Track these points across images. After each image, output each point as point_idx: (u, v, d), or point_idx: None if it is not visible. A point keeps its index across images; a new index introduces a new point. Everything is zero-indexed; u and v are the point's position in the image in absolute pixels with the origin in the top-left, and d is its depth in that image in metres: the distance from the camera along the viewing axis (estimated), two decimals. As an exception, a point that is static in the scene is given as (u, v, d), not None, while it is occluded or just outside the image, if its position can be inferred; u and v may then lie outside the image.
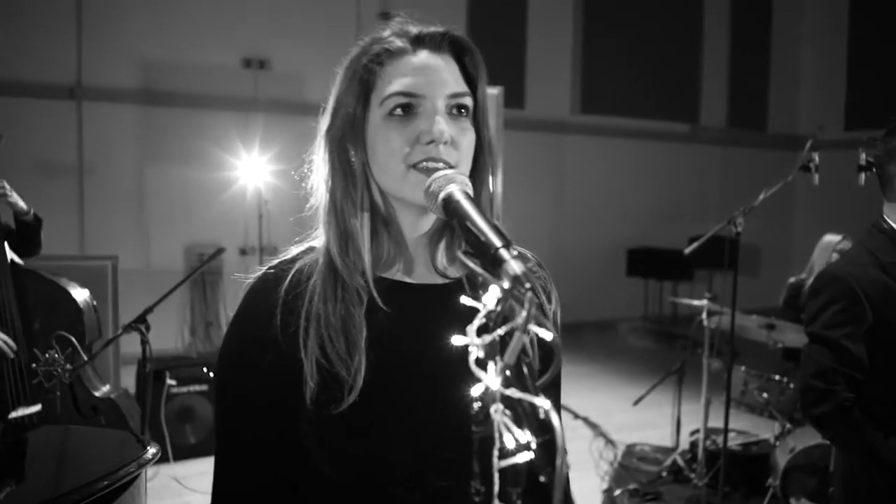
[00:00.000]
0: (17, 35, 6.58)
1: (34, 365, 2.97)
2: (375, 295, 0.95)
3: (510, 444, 0.59)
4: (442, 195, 0.80)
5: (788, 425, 3.69)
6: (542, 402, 0.60)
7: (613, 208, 9.55)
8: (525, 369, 0.63)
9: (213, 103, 7.18)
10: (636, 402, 4.43)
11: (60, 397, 3.02)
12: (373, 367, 0.92)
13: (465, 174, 0.94)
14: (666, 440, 4.58)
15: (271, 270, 1.00)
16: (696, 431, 4.18)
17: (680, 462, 4.18)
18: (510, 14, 8.93)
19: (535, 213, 9.00)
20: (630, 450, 4.58)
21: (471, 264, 0.65)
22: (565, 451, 0.57)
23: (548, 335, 0.61)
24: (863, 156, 1.94)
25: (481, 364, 0.62)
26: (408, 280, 1.00)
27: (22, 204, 3.12)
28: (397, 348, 0.95)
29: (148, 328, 2.74)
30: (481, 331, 0.62)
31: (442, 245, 1.01)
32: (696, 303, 4.16)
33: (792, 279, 4.39)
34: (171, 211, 7.18)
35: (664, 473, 4.18)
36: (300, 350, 0.93)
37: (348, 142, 0.97)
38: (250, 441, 0.98)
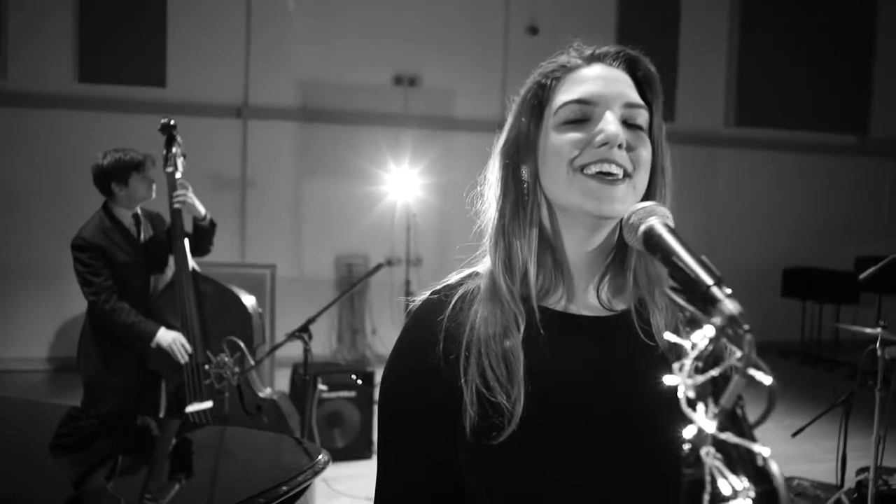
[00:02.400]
0: (192, 61, 7.17)
1: (206, 366, 3.21)
2: (538, 323, 0.92)
3: (725, 489, 0.57)
4: (643, 228, 0.78)
5: (977, 471, 3.33)
6: (761, 449, 0.58)
7: (769, 225, 9.01)
8: (740, 412, 0.61)
9: (365, 120, 7.47)
10: (796, 434, 4.14)
11: (229, 397, 3.24)
12: (532, 398, 0.89)
13: (642, 190, 0.92)
14: (828, 476, 4.24)
15: (434, 296, 0.98)
16: (865, 470, 3.84)
17: (845, 502, 3.86)
18: (661, 24, 8.66)
19: (684, 228, 8.54)
20: (787, 484, 4.28)
21: (681, 301, 0.64)
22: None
23: (766, 379, 0.59)
24: None
25: (691, 404, 0.61)
26: (569, 311, 0.96)
27: (201, 209, 3.37)
28: (558, 380, 0.92)
29: (311, 337, 2.89)
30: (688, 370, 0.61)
31: (608, 276, 0.97)
32: (868, 331, 3.83)
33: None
34: (325, 222, 7.52)
35: (827, 513, 3.89)
36: (460, 378, 0.91)
37: (520, 155, 0.96)
38: (411, 468, 0.97)
